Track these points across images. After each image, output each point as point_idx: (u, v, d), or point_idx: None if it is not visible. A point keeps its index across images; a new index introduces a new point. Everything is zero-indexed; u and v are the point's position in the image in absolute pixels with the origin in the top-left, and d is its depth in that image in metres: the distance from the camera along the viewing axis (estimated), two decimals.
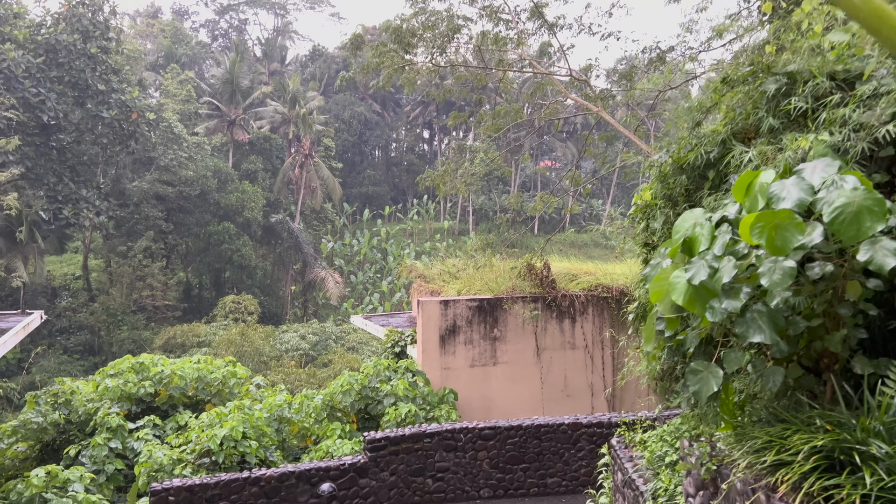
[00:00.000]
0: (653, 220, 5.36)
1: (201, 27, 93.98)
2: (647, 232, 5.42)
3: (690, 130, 4.86)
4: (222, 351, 35.94)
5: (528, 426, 8.91)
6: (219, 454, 10.30)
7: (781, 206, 3.16)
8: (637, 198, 5.52)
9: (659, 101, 17.00)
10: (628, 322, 6.71)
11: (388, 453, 8.64)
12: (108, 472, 11.58)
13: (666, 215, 5.17)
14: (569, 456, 8.90)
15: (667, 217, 5.16)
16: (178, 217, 50.88)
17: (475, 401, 14.27)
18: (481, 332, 14.43)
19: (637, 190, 5.95)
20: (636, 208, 5.68)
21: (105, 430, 12.01)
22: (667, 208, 5.05)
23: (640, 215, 5.58)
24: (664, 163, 4.95)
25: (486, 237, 16.60)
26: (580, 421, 8.96)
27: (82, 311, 48.61)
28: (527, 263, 14.84)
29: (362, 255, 67.19)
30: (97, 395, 13.10)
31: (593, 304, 15.08)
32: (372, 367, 12.60)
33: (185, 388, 13.83)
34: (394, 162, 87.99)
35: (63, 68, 41.40)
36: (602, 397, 15.25)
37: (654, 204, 5.33)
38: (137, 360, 13.67)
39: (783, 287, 3.03)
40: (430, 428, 8.90)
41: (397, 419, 11.41)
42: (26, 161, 40.63)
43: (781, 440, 3.01)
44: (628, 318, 7.19)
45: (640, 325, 5.62)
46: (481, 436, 8.92)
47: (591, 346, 15.07)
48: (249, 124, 60.03)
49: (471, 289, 15.51)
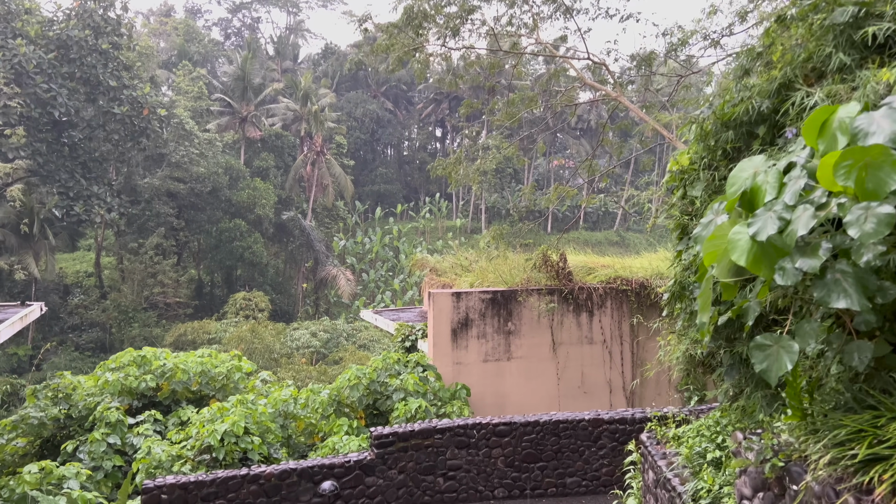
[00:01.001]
0: (691, 187, 4.76)
1: (214, 25, 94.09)
2: (684, 201, 4.82)
3: (737, 80, 4.25)
4: (232, 348, 35.60)
5: (546, 422, 8.32)
6: (219, 450, 9.79)
7: (871, 141, 2.56)
8: (673, 163, 4.92)
9: (679, 86, 16.34)
10: (659, 306, 6.08)
11: (397, 450, 8.09)
12: (106, 468, 11.13)
13: (707, 180, 4.57)
14: (589, 454, 8.31)
15: (708, 182, 4.56)
16: (189, 214, 50.70)
17: (488, 397, 13.69)
18: (495, 326, 13.86)
19: (672, 155, 5.33)
20: (671, 176, 5.08)
21: (104, 425, 11.56)
22: (709, 171, 4.46)
23: (676, 183, 4.98)
24: (705, 119, 4.35)
25: (499, 227, 16.01)
26: (602, 417, 8.36)
27: (94, 308, 48.53)
28: (542, 254, 14.23)
29: (374, 254, 66.78)
30: (97, 390, 12.66)
31: (612, 297, 14.46)
32: (381, 360, 12.06)
33: (189, 383, 13.37)
34: (406, 160, 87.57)
35: (74, 64, 41.26)
36: (621, 394, 14.63)
37: (693, 169, 4.73)
38: (139, 353, 13.23)
39: (877, 239, 2.43)
40: (441, 423, 8.34)
41: (407, 415, 10.87)
42: (37, 157, 40.52)
43: (875, 429, 2.43)
44: (659, 304, 6.54)
45: (676, 306, 5.02)
46: (496, 432, 8.34)
47: (610, 341, 14.45)
48: (261, 121, 59.81)
49: (484, 281, 14.94)
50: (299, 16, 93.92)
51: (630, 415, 8.39)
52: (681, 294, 4.78)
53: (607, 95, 15.05)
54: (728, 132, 4.24)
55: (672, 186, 5.20)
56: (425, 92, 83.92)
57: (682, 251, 4.84)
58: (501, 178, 73.49)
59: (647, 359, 14.66)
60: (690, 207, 4.81)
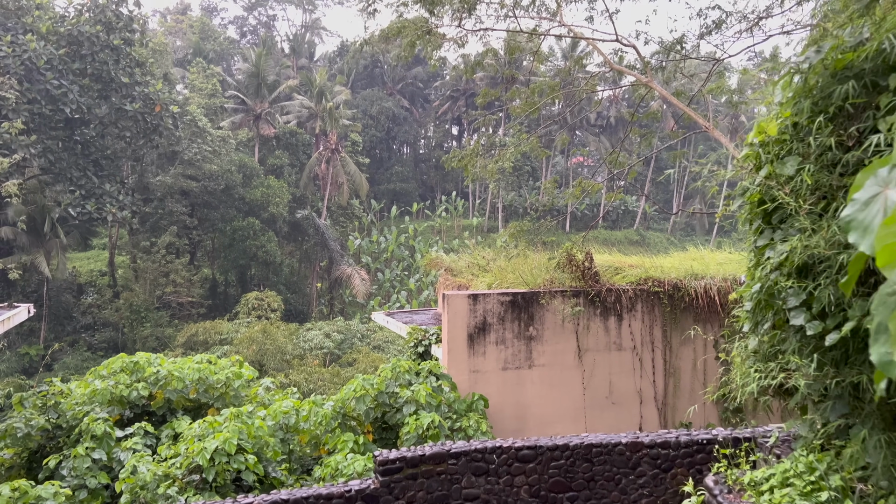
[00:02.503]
0: (780, 164, 3.62)
1: (230, 23, 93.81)
2: (771, 181, 3.68)
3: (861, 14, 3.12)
4: (244, 349, 34.80)
5: (577, 445, 7.21)
6: (209, 471, 8.80)
7: None
8: (755, 133, 3.78)
9: (714, 72, 15.12)
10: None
11: (405, 477, 7.04)
12: (90, 486, 10.19)
13: (805, 152, 3.43)
14: (626, 483, 7.20)
15: (807, 154, 3.42)
16: (202, 212, 50.08)
17: (508, 408, 12.59)
18: (515, 331, 12.74)
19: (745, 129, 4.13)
20: (749, 151, 3.94)
21: (89, 438, 10.63)
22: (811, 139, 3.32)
23: (758, 160, 3.84)
24: (811, 68, 3.21)
25: (519, 223, 14.89)
26: (641, 440, 7.24)
27: (107, 308, 48.07)
28: (566, 253, 13.09)
29: (390, 253, 65.89)
30: (87, 399, 11.74)
31: (642, 299, 13.28)
32: (390, 369, 11.00)
33: (185, 391, 12.41)
34: (422, 158, 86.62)
35: (86, 60, 40.71)
36: (652, 405, 13.45)
37: (784, 139, 3.59)
38: (131, 359, 12.29)
39: None
40: (456, 447, 7.26)
41: (418, 430, 9.81)
42: (49, 155, 40.03)
43: None
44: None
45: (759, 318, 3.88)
46: (518, 457, 7.26)
47: (640, 348, 13.27)
48: (276, 119, 59.11)
49: (502, 282, 13.82)
50: (315, 13, 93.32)
51: (674, 438, 7.26)
52: (768, 303, 3.64)
53: (637, 82, 13.87)
54: (843, 85, 3.10)
55: (749, 166, 4.05)
56: (442, 89, 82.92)
57: (768, 247, 3.70)
58: (519, 176, 72.32)
59: (681, 367, 13.48)
60: (780, 191, 3.66)
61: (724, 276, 13.60)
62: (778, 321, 4.30)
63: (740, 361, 5.16)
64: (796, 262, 3.38)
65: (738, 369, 5.30)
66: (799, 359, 3.58)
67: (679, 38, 14.49)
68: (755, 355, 4.37)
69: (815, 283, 3.44)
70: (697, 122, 15.74)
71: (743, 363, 5.08)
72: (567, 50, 63.48)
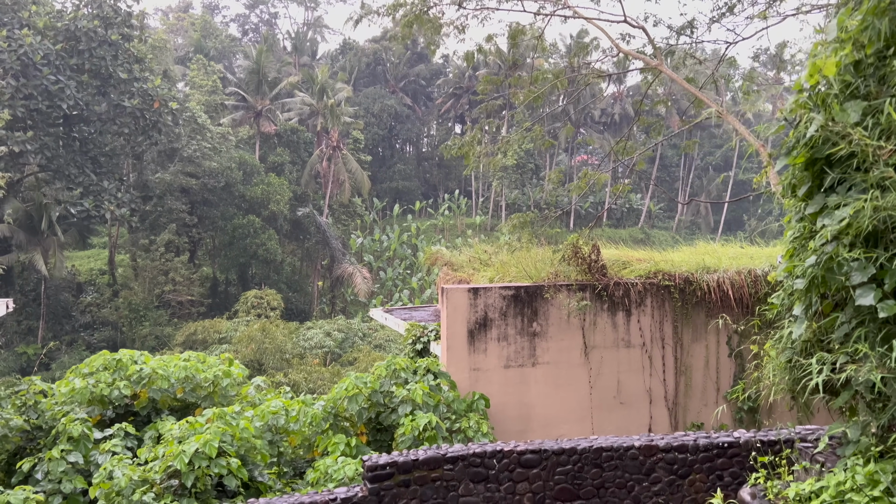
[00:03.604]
0: (842, 112, 2.96)
1: (231, 21, 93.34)
2: (826, 132, 3.02)
3: None
4: (242, 347, 34.22)
5: (585, 449, 6.56)
6: (188, 476, 8.17)
7: None
8: (807, 76, 3.11)
9: (726, 54, 14.45)
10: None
11: (396, 484, 6.40)
12: (65, 491, 9.57)
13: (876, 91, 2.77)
14: (639, 490, 6.56)
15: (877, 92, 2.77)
16: (202, 210, 49.51)
17: (510, 408, 11.94)
18: (518, 327, 12.09)
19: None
20: (796, 101, 3.27)
21: (66, 440, 10.01)
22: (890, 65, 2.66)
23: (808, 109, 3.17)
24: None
25: (522, 214, 14.23)
26: (655, 443, 6.58)
27: (107, 307, 47.56)
28: (572, 245, 12.42)
29: (392, 251, 65.31)
30: (66, 398, 11.13)
31: (652, 293, 12.61)
32: (385, 367, 10.35)
33: (171, 391, 11.78)
34: (425, 156, 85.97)
35: (83, 56, 40.18)
36: (662, 405, 12.79)
37: (847, 80, 2.92)
38: (113, 356, 11.68)
39: None
40: (453, 450, 6.61)
41: (414, 432, 9.17)
42: (46, 151, 39.50)
43: None
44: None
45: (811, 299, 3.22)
46: (521, 461, 6.61)
47: (650, 345, 12.61)
48: (276, 116, 58.54)
49: (505, 276, 13.17)
50: (317, 10, 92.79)
51: (692, 441, 6.60)
52: (823, 280, 2.98)
53: (645, 67, 13.20)
54: None
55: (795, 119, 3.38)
56: (444, 87, 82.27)
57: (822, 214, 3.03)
58: (522, 174, 71.65)
59: (692, 365, 12.80)
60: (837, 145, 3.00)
61: (737, 270, 12.92)
62: (826, 305, 3.64)
63: (776, 354, 4.49)
64: (864, 229, 2.75)
65: (770, 364, 4.63)
66: (867, 347, 2.94)
67: (690, 20, 13.84)
68: (804, 345, 3.70)
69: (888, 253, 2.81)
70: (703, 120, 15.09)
71: (779, 355, 4.41)
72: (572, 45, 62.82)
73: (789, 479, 4.26)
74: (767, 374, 4.67)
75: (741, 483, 6.64)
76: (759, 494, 4.27)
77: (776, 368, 4.48)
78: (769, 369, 4.61)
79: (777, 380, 4.44)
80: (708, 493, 6.69)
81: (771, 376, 4.63)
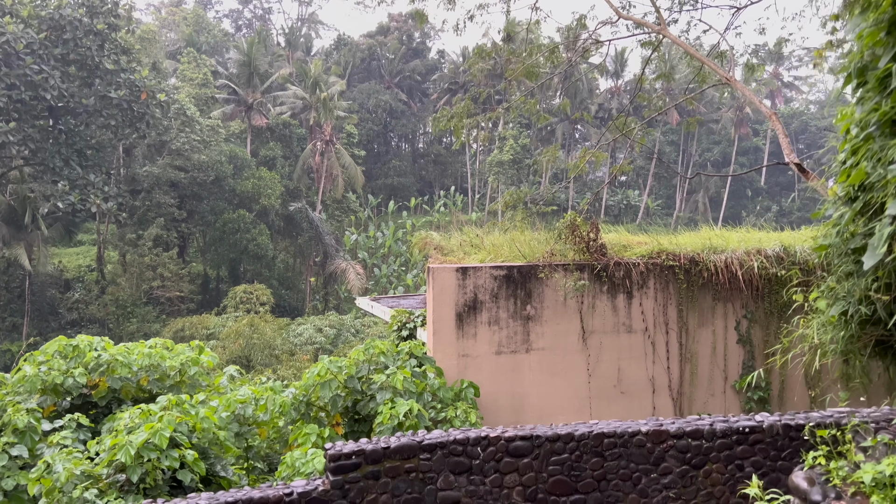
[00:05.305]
0: None
1: (224, 17, 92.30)
2: None
3: None
4: (230, 343, 33.20)
5: (584, 436, 5.64)
6: (134, 470, 7.24)
7: None
8: None
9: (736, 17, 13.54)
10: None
11: (363, 476, 5.47)
12: (6, 488, 8.62)
13: None
14: (647, 482, 5.64)
15: None
16: (191, 204, 48.47)
17: (502, 398, 11.01)
18: (510, 310, 11.17)
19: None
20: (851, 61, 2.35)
21: (10, 432, 9.06)
22: None
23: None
24: None
25: (516, 191, 13.30)
26: (665, 428, 5.65)
27: (94, 304, 46.54)
28: (569, 222, 11.49)
29: (387, 248, 64.30)
30: (13, 387, 10.17)
31: (655, 274, 11.69)
32: (363, 351, 9.42)
33: (133, 379, 10.83)
34: (420, 153, 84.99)
35: (68, 46, 39.12)
36: (666, 394, 11.87)
37: None
38: (70, 342, 10.74)
39: None
40: (430, 437, 5.66)
41: (394, 420, 8.24)
42: (29, 143, 38.46)
43: None
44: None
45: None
46: (510, 450, 5.67)
47: (653, 330, 11.69)
48: (268, 109, 57.52)
49: (497, 257, 12.23)
50: (311, 6, 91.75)
51: (707, 426, 5.65)
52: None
53: (649, 28, 12.29)
54: None
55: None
56: (440, 83, 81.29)
57: None
58: (519, 170, 70.72)
59: (698, 352, 11.88)
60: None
61: (746, 250, 12.02)
62: None
63: (825, 306, 3.54)
64: None
65: (817, 321, 3.67)
66: None
67: None
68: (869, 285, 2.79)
69: None
70: (702, 110, 14.18)
71: (829, 308, 3.47)
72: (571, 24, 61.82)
73: (859, 458, 3.33)
74: (811, 335, 3.73)
75: (764, 475, 5.71)
76: (819, 479, 3.34)
77: (825, 325, 3.55)
78: (814, 327, 3.68)
79: (828, 338, 3.50)
80: (726, 486, 5.77)
81: (816, 336, 3.69)
